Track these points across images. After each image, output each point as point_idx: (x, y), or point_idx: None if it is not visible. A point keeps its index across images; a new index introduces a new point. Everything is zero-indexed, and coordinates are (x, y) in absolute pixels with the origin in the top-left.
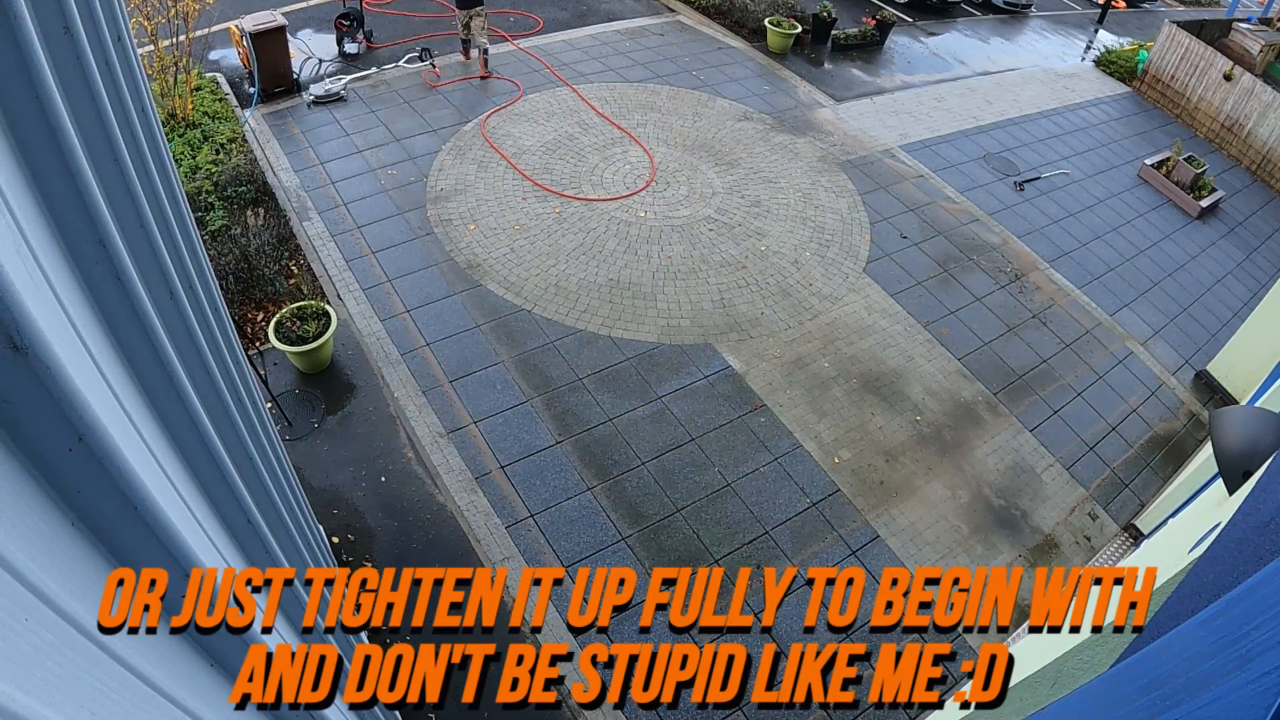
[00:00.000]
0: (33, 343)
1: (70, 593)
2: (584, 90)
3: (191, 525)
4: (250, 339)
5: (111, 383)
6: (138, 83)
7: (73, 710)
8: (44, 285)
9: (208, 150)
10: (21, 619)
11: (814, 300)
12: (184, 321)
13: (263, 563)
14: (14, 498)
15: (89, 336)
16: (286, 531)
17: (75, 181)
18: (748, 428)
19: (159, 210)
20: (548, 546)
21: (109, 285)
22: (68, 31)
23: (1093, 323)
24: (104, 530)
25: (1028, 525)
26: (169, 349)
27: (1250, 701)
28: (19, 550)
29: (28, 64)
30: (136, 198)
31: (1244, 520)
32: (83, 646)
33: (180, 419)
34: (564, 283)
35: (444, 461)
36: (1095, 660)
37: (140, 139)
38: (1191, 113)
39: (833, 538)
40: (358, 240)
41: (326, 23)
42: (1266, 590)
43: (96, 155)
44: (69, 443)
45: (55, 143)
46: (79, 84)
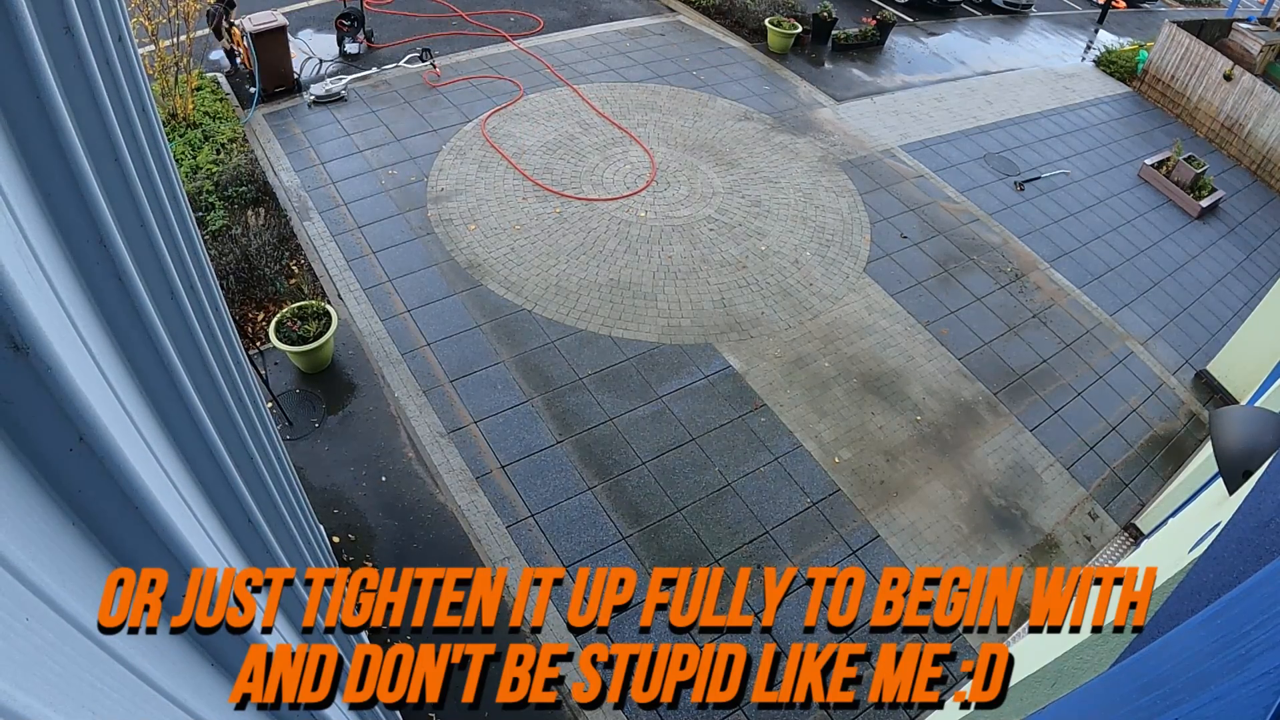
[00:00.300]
0: (33, 342)
1: (71, 592)
2: (584, 90)
3: (192, 525)
4: (251, 339)
5: (112, 382)
6: (138, 82)
7: (73, 709)
8: (44, 285)
9: (208, 150)
10: (22, 619)
11: (814, 300)
12: (185, 321)
13: (263, 562)
14: (15, 497)
15: (90, 336)
16: (287, 531)
17: (76, 181)
18: (748, 427)
19: (160, 210)
20: (548, 546)
21: (110, 285)
22: (68, 31)
23: (1093, 322)
24: (105, 530)
25: (1028, 525)
26: (170, 349)
27: (1250, 701)
28: (19, 550)
29: (28, 63)
30: (137, 197)
31: (1244, 520)
32: (83, 646)
33: (181, 419)
34: (564, 282)
35: (444, 461)
36: (1095, 660)
37: (141, 139)
38: (1191, 113)
39: (833, 537)
40: (358, 240)
41: (327, 23)
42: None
43: (97, 155)
44: (70, 443)
45: (56, 142)
46: (80, 83)
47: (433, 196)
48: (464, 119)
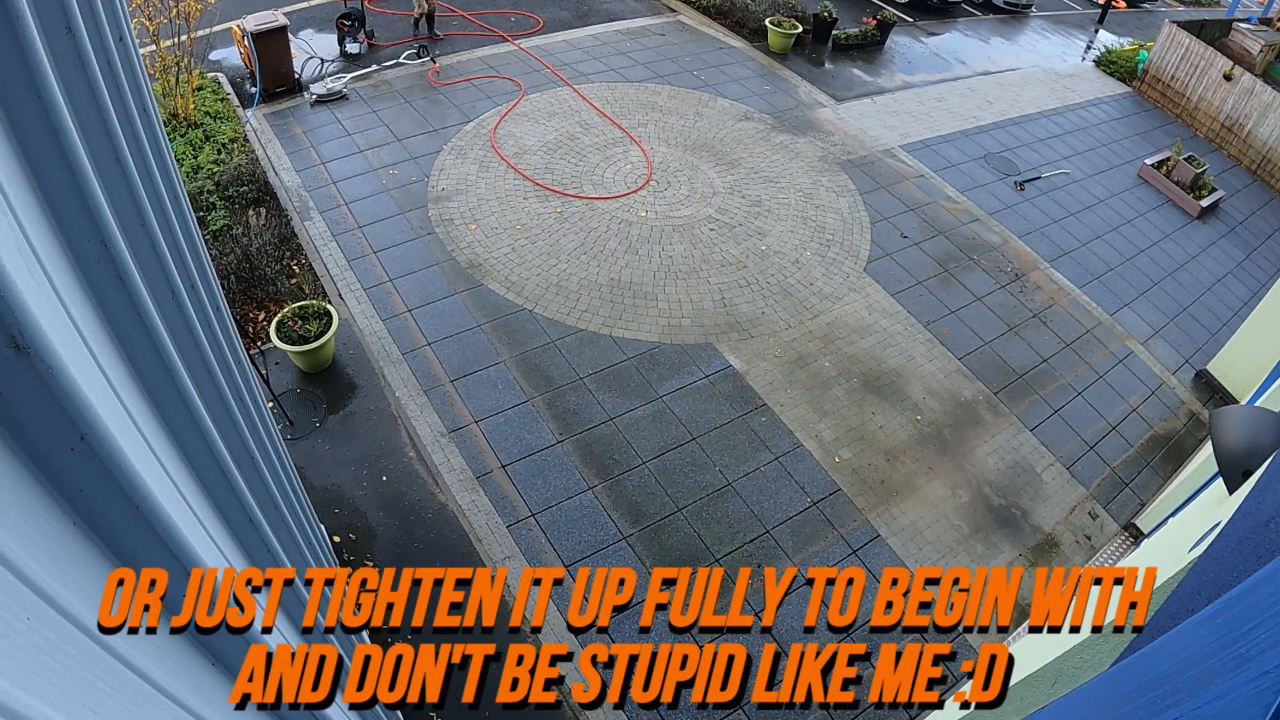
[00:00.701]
0: (34, 342)
1: (72, 592)
2: (585, 90)
3: (193, 524)
4: (252, 338)
5: (113, 382)
6: (139, 82)
7: (74, 709)
8: (46, 285)
9: (209, 150)
10: (23, 618)
11: (815, 300)
12: (186, 321)
13: (264, 562)
14: (16, 497)
15: (91, 336)
16: (288, 530)
17: (77, 181)
18: (748, 427)
19: (161, 210)
20: (549, 546)
21: (111, 285)
22: (70, 31)
23: (1093, 322)
24: (106, 529)
25: (1028, 524)
26: (171, 348)
27: (1250, 700)
28: (21, 550)
29: (30, 63)
30: (138, 197)
31: (1244, 519)
32: (84, 645)
33: (182, 418)
34: (565, 282)
35: (445, 461)
36: (1095, 659)
37: (142, 138)
38: (1191, 112)
39: (833, 537)
40: (359, 240)
41: (328, 23)
42: (1266, 589)
43: (98, 155)
44: (71, 442)
45: (57, 142)
46: (81, 84)
47: (433, 196)
48: (465, 119)
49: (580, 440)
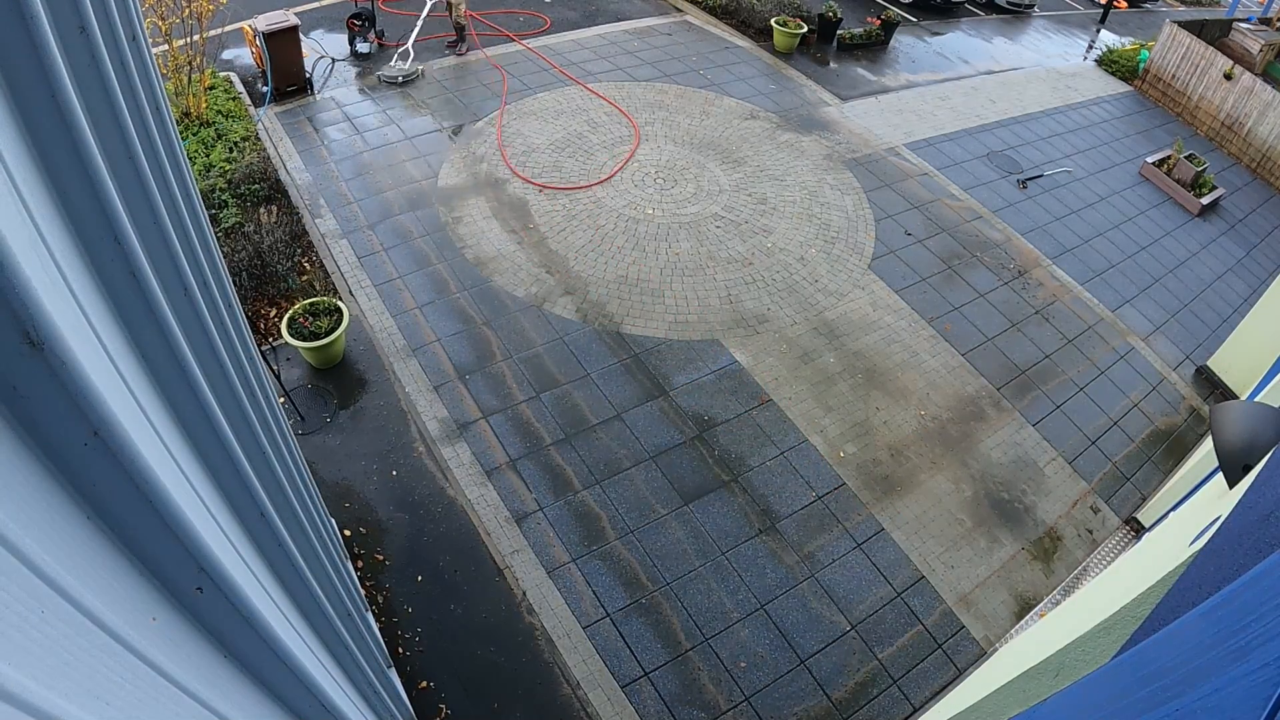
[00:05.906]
0: (48, 338)
1: (85, 585)
2: (592, 87)
3: (205, 518)
4: (263, 335)
5: (126, 377)
6: (152, 81)
7: (87, 700)
8: (60, 282)
9: (221, 148)
10: (37, 611)
11: (820, 296)
12: (198, 317)
13: (275, 555)
14: (29, 491)
15: (104, 332)
16: (299, 524)
17: (91, 179)
18: (754, 422)
19: (173, 207)
20: (557, 540)
21: (124, 282)
22: (83, 31)
23: (1095, 319)
24: (119, 523)
25: (1031, 518)
26: (183, 344)
27: (1250, 693)
28: (34, 543)
29: (44, 63)
30: (151, 195)
31: (1244, 513)
32: (97, 638)
33: (194, 413)
34: (573, 279)
35: (454, 455)
36: (1097, 652)
37: (155, 137)
38: (1192, 111)
39: (838, 531)
40: (369, 237)
41: (338, 22)
42: (1266, 583)
43: (112, 153)
44: (84, 437)
45: (71, 140)
46: (95, 83)
47: (443, 194)
48: (474, 117)
49: (588, 435)
